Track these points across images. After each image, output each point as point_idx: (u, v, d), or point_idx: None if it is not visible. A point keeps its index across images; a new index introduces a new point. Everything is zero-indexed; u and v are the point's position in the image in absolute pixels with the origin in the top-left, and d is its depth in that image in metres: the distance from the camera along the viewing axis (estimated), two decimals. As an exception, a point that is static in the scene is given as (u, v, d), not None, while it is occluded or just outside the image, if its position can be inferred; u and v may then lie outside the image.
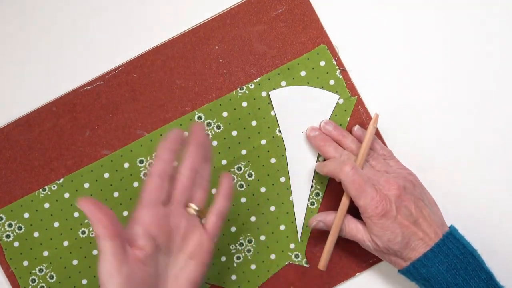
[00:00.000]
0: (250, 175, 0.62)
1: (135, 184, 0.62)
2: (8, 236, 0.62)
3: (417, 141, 0.63)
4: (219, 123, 0.62)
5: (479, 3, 0.63)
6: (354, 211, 0.57)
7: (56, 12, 0.63)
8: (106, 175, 0.62)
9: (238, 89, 0.62)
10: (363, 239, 0.57)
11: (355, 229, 0.57)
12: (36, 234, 0.62)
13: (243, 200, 0.62)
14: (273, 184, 0.62)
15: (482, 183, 0.63)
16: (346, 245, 0.61)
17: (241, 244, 0.62)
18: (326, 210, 0.62)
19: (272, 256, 0.62)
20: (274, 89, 0.62)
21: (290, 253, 0.62)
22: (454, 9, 0.63)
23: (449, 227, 0.56)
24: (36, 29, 0.62)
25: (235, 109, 0.62)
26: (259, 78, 0.62)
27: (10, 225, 0.62)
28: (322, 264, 0.58)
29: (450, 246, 0.54)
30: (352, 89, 0.62)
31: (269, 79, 0.62)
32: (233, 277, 0.62)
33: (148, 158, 0.62)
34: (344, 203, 0.57)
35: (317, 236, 0.62)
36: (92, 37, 0.63)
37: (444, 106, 0.63)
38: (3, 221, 0.61)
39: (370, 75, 0.63)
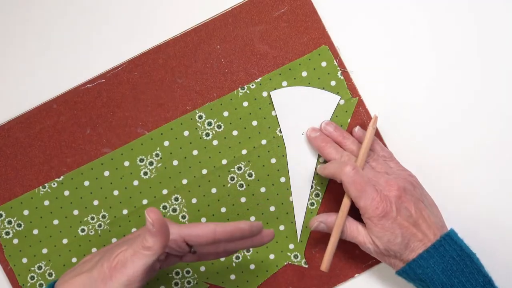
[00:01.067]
0: (250, 175, 0.62)
1: (135, 183, 0.62)
2: (7, 233, 0.61)
3: (418, 143, 0.63)
4: (219, 123, 0.62)
5: (479, 3, 0.63)
6: (354, 213, 0.57)
7: (57, 11, 0.62)
8: (106, 173, 0.62)
9: (239, 88, 0.62)
10: (364, 241, 0.57)
11: (356, 231, 0.57)
12: (35, 232, 0.62)
13: (243, 200, 0.62)
14: (273, 184, 0.62)
15: (482, 184, 0.63)
16: (345, 246, 0.61)
17: (240, 244, 0.62)
18: (326, 211, 0.62)
19: (271, 256, 0.62)
20: (275, 89, 0.62)
21: (289, 253, 0.62)
22: (455, 10, 0.63)
23: (449, 230, 0.56)
24: (38, 27, 0.62)
25: (236, 108, 0.62)
26: (260, 78, 0.62)
27: (9, 222, 0.61)
28: (325, 265, 0.57)
29: (447, 248, 0.54)
30: (353, 90, 0.62)
31: (270, 79, 0.62)
32: (232, 276, 0.62)
33: (149, 157, 0.62)
34: (346, 203, 0.57)
35: (317, 236, 0.62)
36: (93, 35, 0.63)
37: (445, 107, 0.63)
38: (2, 218, 0.61)
39: (372, 76, 0.63)
